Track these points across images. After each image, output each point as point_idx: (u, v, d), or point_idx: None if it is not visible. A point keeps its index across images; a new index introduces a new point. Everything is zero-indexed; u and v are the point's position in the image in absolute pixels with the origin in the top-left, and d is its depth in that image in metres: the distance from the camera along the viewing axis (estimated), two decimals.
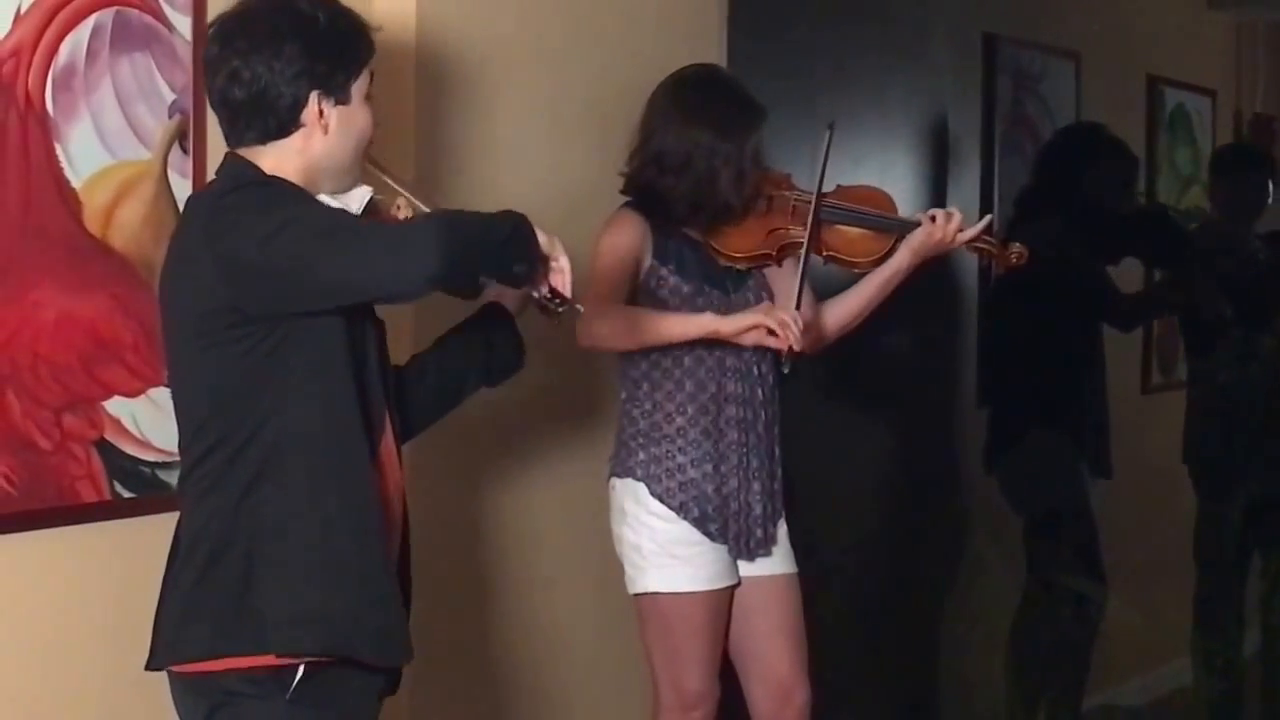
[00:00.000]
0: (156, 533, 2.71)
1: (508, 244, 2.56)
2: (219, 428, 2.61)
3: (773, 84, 3.65)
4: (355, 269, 2.49)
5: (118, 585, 3.02)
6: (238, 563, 2.58)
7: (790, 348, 3.37)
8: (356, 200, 2.72)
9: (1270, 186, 5.62)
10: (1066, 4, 5.87)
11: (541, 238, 2.63)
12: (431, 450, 3.29)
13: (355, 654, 2.61)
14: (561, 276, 2.69)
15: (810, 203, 3.56)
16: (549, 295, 2.73)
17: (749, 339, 3.45)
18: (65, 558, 2.99)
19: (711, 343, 3.53)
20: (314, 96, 2.63)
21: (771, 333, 3.38)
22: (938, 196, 4.90)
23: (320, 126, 2.65)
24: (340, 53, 2.66)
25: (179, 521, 2.69)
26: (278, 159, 2.65)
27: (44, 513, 2.92)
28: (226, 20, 2.67)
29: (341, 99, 2.66)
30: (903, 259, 3.64)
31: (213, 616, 2.59)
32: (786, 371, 3.47)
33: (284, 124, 2.64)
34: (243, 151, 2.68)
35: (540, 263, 2.65)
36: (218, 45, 2.65)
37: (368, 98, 2.71)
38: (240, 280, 2.53)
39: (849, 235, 3.63)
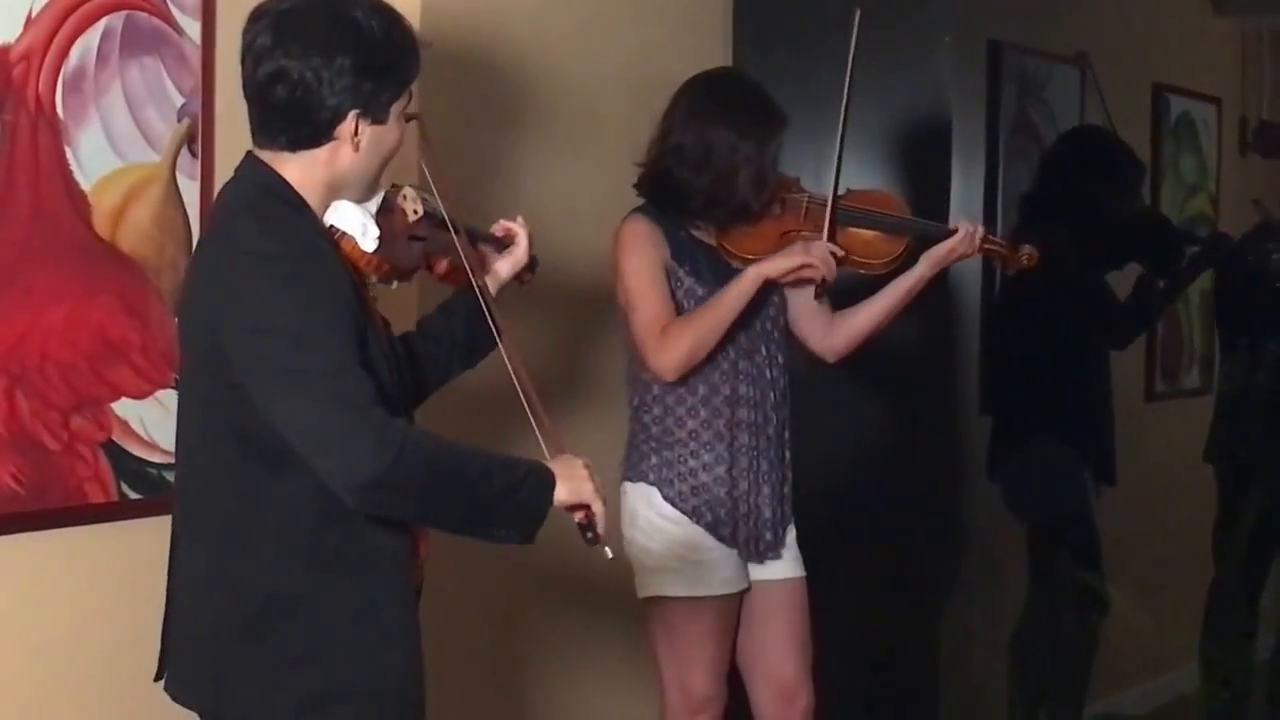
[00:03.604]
0: (163, 534, 2.71)
1: (497, 503, 2.52)
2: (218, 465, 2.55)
3: (778, 91, 3.66)
4: (301, 435, 2.42)
5: (125, 586, 3.03)
6: (260, 623, 2.51)
7: (824, 279, 3.51)
8: (374, 204, 2.65)
9: None
10: (1072, 11, 5.87)
11: (567, 490, 2.60)
12: None
13: None
14: (597, 518, 2.65)
15: (823, 205, 3.57)
16: (581, 525, 2.65)
17: (793, 277, 3.53)
18: (72, 558, 3.00)
19: (724, 346, 3.53)
20: (353, 114, 2.54)
21: (812, 266, 3.51)
22: (942, 203, 4.90)
23: (352, 144, 2.56)
24: (388, 73, 2.57)
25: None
26: (303, 169, 2.56)
27: (51, 513, 2.94)
28: (281, 15, 2.52)
29: (379, 119, 2.58)
30: (924, 270, 3.67)
31: (242, 681, 2.52)
32: (820, 301, 3.62)
33: (317, 135, 2.54)
34: (267, 155, 2.57)
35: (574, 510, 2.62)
36: (270, 37, 2.51)
37: (402, 112, 2.63)
38: (225, 348, 2.47)
39: (864, 237, 3.64)
